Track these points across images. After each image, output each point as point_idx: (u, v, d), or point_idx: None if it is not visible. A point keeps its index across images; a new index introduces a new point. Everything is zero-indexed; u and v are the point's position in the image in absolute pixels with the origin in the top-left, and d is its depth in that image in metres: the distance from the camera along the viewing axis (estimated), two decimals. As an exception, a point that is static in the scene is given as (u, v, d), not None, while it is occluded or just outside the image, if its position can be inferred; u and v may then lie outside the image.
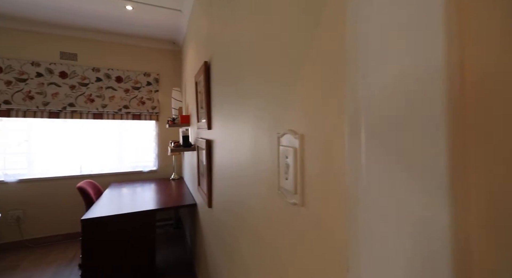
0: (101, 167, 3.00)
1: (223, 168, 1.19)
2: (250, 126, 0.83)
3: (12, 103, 2.55)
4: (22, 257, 2.39)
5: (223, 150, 1.18)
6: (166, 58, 3.33)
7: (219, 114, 1.27)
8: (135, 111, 3.11)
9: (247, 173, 0.87)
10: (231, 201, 1.06)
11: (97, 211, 1.86)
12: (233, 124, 1.02)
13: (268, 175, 0.70)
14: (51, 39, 2.73)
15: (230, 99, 1.06)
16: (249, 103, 0.83)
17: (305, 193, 0.52)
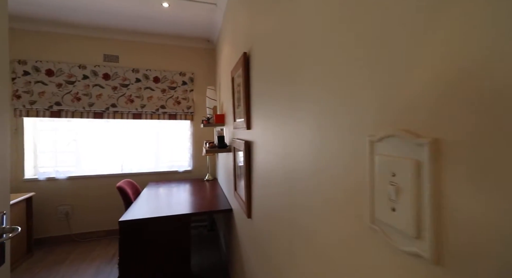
0: (139, 166, 3.07)
1: (266, 175, 1.00)
2: (310, 126, 0.62)
3: (62, 104, 2.72)
4: (69, 251, 2.53)
5: (267, 153, 0.99)
6: (201, 57, 3.28)
7: (260, 112, 1.08)
8: (171, 111, 3.11)
9: (303, 187, 0.66)
10: (278, 216, 0.87)
11: (134, 212, 1.83)
12: (281, 124, 0.82)
13: (345, 195, 0.48)
14: (95, 43, 2.86)
15: (277, 94, 0.86)
16: (310, 96, 0.62)
17: (443, 240, 0.29)
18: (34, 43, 2.66)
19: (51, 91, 2.69)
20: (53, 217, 2.70)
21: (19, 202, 2.32)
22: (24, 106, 2.61)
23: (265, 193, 1.03)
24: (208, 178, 2.99)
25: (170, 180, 3.07)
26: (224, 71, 2.28)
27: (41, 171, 2.75)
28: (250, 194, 1.28)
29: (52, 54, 2.71)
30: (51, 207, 2.70)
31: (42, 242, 2.66)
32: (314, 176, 0.61)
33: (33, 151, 2.74)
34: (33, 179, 2.67)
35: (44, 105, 2.66)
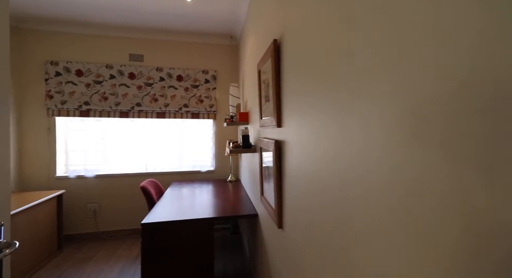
0: (163, 166, 3.05)
1: (304, 181, 0.84)
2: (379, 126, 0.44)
3: (91, 104, 2.77)
4: (96, 249, 2.56)
5: (305, 155, 0.83)
6: (224, 54, 3.19)
7: (295, 107, 0.92)
8: (194, 110, 3.06)
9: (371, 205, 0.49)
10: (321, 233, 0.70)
11: (157, 214, 1.76)
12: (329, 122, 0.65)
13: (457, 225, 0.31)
14: (121, 42, 2.88)
15: (321, 86, 0.69)
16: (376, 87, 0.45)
17: None
18: (65, 45, 2.75)
19: (81, 91, 2.75)
20: (82, 214, 2.77)
21: (50, 200, 2.39)
22: (56, 105, 2.70)
23: (302, 203, 0.87)
24: (231, 179, 2.88)
25: (193, 180, 3.02)
26: (249, 65, 2.14)
27: (72, 169, 2.84)
28: (281, 201, 1.12)
29: (82, 55, 2.78)
30: (80, 204, 2.77)
31: (71, 239, 2.73)
32: (394, 189, 0.43)
33: (65, 149, 2.83)
34: (64, 177, 2.75)
35: (74, 105, 2.73)
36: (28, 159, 2.67)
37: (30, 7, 2.39)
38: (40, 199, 2.21)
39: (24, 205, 2.05)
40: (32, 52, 2.67)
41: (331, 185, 0.65)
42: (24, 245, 2.02)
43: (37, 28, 2.67)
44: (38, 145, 2.69)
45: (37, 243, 2.17)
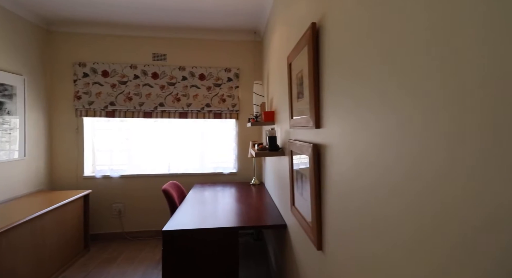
0: (185, 167, 2.99)
1: (357, 196, 0.64)
2: None
3: (116, 104, 2.79)
4: (120, 249, 2.56)
5: (360, 165, 0.63)
6: (247, 51, 3.04)
7: (342, 103, 0.73)
8: (216, 109, 2.95)
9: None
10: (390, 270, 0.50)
11: (178, 219, 1.66)
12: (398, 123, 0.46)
13: None
14: (145, 42, 2.87)
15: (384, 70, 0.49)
16: None
17: None
18: (92, 46, 2.78)
19: (106, 92, 2.77)
20: (107, 214, 2.80)
21: (78, 199, 2.42)
22: (83, 106, 2.75)
23: (354, 222, 0.68)
24: (254, 182, 2.73)
25: (215, 182, 2.91)
26: (276, 60, 1.96)
27: (98, 169, 2.88)
28: (321, 217, 0.93)
29: (108, 56, 2.80)
30: (106, 204, 2.80)
31: (97, 238, 2.77)
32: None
33: (92, 149, 2.88)
34: (91, 176, 2.79)
35: (100, 105, 2.76)
36: (59, 159, 2.75)
37: (60, 9, 2.43)
38: (68, 199, 2.24)
39: (53, 204, 2.07)
40: (61, 54, 2.74)
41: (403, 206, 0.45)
42: (52, 244, 2.05)
43: (66, 30, 2.73)
44: (67, 145, 2.76)
45: (65, 242, 2.20)
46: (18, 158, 2.32)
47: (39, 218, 1.92)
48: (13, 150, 2.28)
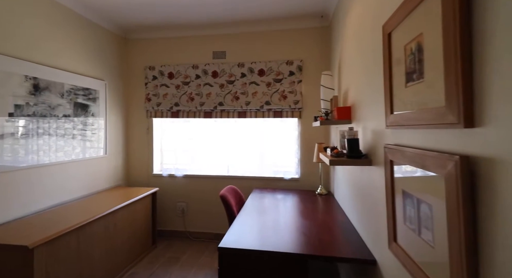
0: (244, 170, 2.82)
1: None
2: None
3: (180, 105, 2.84)
4: (183, 249, 2.58)
5: None
6: (311, 39, 2.65)
7: None
8: (276, 107, 2.68)
9: None
10: None
11: (235, 233, 1.45)
12: None
13: None
14: (205, 41, 2.82)
15: None
16: None
17: None
18: (159, 50, 2.91)
19: (172, 93, 2.86)
20: (172, 212, 2.89)
21: (147, 196, 2.54)
22: (152, 108, 2.90)
23: None
24: (320, 192, 2.33)
25: (275, 188, 2.65)
26: (356, 39, 1.53)
27: (165, 167, 3.01)
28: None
29: (173, 58, 2.88)
30: (171, 202, 2.89)
31: (164, 234, 2.89)
32: None
33: (160, 149, 3.03)
34: (159, 175, 2.94)
35: (166, 106, 2.86)
36: (133, 157, 2.99)
37: (134, 17, 2.59)
38: (139, 196, 2.36)
39: (127, 200, 2.20)
40: (136, 59, 2.96)
41: None
42: (124, 238, 2.16)
43: (139, 36, 2.93)
44: (140, 144, 2.97)
45: (135, 238, 2.32)
46: (102, 156, 2.59)
47: (113, 213, 2.04)
48: (99, 148, 2.55)
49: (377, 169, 1.14)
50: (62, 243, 1.57)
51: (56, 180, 2.07)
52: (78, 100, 2.29)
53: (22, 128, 1.79)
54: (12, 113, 1.72)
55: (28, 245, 1.34)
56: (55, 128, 2.07)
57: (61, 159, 2.12)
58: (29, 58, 1.84)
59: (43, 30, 1.95)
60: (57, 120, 2.08)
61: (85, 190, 2.36)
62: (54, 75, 2.04)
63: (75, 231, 1.67)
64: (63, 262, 1.58)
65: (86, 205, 2.07)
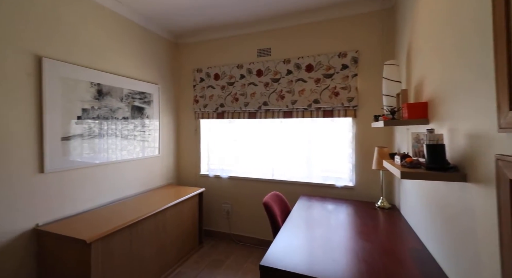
0: (290, 174, 2.63)
1: None
2: None
3: (225, 106, 2.82)
4: (228, 252, 2.56)
5: None
6: (369, 26, 2.28)
7: None
8: (326, 106, 2.40)
9: None
10: None
11: (280, 250, 1.29)
12: None
13: None
14: (250, 38, 2.73)
15: None
16: None
17: None
18: (206, 52, 2.95)
19: (217, 94, 2.86)
20: (217, 213, 2.90)
21: (194, 196, 2.59)
22: (200, 109, 2.96)
23: None
24: (382, 205, 1.97)
25: (325, 196, 2.38)
26: (435, 14, 1.18)
27: (211, 168, 3.04)
28: None
29: (218, 59, 2.88)
30: (217, 203, 2.91)
31: (209, 234, 2.93)
32: None
33: (207, 149, 3.08)
34: (205, 175, 2.98)
35: (212, 108, 2.88)
36: (183, 157, 3.11)
37: (183, 21, 2.67)
38: (187, 195, 2.43)
39: (177, 198, 2.29)
40: (185, 62, 3.07)
41: None
42: (173, 237, 2.23)
43: (188, 41, 3.02)
44: (189, 145, 3.07)
45: (182, 236, 2.38)
46: (157, 155, 2.75)
47: (163, 211, 2.12)
48: (154, 147, 2.72)
49: (478, 188, 0.81)
50: (116, 239, 1.67)
51: (119, 177, 2.27)
52: (135, 103, 2.47)
53: (88, 129, 1.99)
54: (80, 116, 1.93)
55: (86, 240, 1.45)
56: (120, 129, 2.28)
57: (125, 158, 2.33)
58: (94, 66, 2.04)
59: (105, 40, 2.15)
60: (117, 122, 2.27)
61: (142, 187, 2.54)
62: (115, 81, 2.23)
63: (128, 228, 1.76)
64: (117, 257, 1.67)
65: (141, 201, 2.21)
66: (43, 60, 1.67)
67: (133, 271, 1.80)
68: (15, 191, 1.53)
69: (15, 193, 1.53)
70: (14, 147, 1.53)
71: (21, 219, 1.57)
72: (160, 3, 2.25)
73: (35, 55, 1.63)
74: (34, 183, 1.64)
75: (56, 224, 1.68)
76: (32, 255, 1.62)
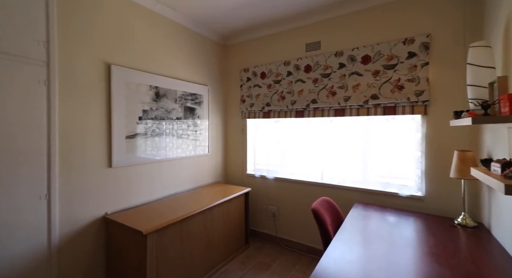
0: (342, 178, 2.39)
1: None
2: None
3: (271, 105, 2.74)
4: (274, 256, 2.48)
5: None
6: (445, 3, 1.88)
7: None
8: (387, 102, 2.09)
9: None
10: None
11: (331, 268, 1.14)
12: None
13: None
14: (298, 33, 2.58)
15: None
16: None
17: None
18: (253, 51, 2.93)
19: (264, 93, 2.81)
20: (263, 214, 2.86)
21: (240, 195, 2.60)
22: (246, 108, 2.96)
23: None
24: (464, 222, 1.59)
25: (385, 205, 2.07)
26: None
27: (257, 168, 3.01)
28: None
29: (265, 57, 2.82)
30: (262, 204, 2.86)
31: (255, 234, 2.90)
32: None
33: (253, 149, 3.06)
34: (252, 175, 2.97)
35: (258, 107, 2.84)
36: (230, 157, 3.17)
37: (230, 22, 2.71)
38: (234, 194, 2.45)
39: (224, 197, 2.32)
40: (233, 63, 3.12)
41: None
42: (220, 235, 2.27)
43: (236, 41, 3.05)
44: (236, 144, 3.11)
45: (228, 234, 2.40)
46: (206, 154, 2.87)
47: (212, 208, 2.17)
48: (204, 146, 2.85)
49: None
50: (169, 233, 1.76)
51: (173, 173, 2.43)
52: (187, 104, 2.61)
53: (148, 129, 2.18)
54: (141, 117, 2.12)
55: (143, 231, 1.56)
56: (176, 129, 2.45)
57: (179, 155, 2.49)
58: (152, 70, 2.22)
59: (161, 45, 2.31)
60: (172, 122, 2.42)
61: (192, 184, 2.67)
62: (170, 84, 2.39)
63: (180, 223, 1.85)
64: (170, 250, 1.77)
65: (191, 198, 2.32)
66: (112, 67, 1.88)
67: (184, 265, 1.88)
68: (89, 182, 1.77)
69: (89, 184, 1.77)
70: (90, 144, 1.77)
71: (93, 207, 1.80)
72: (209, 6, 2.30)
73: (105, 63, 1.86)
74: (104, 176, 1.86)
75: (120, 214, 1.88)
76: (102, 240, 1.85)
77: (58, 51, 1.58)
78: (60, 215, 1.61)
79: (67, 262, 1.65)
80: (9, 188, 1.38)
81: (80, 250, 1.72)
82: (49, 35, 1.52)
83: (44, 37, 1.50)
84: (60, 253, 1.61)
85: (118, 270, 1.77)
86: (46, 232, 1.54)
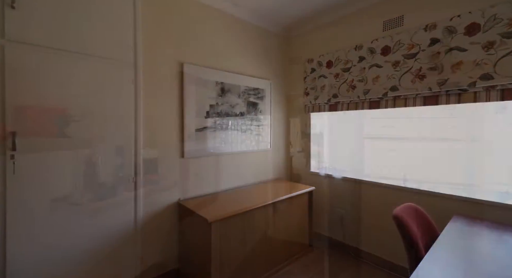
0: (432, 183, 1.93)
1: None
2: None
3: (339, 96, 2.47)
4: (343, 266, 2.20)
5: None
6: None
7: None
8: (508, 82, 1.54)
9: None
10: None
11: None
12: None
13: None
14: (373, 10, 2.22)
15: None
16: None
17: None
18: (318, 39, 2.70)
19: (330, 83, 2.56)
20: (329, 216, 2.61)
21: (304, 194, 2.44)
22: (310, 102, 2.76)
23: None
24: None
25: (502, 222, 1.53)
26: None
27: (322, 166, 2.78)
28: None
29: (331, 44, 2.56)
30: (327, 206, 2.62)
31: (319, 237, 2.68)
32: None
33: (317, 145, 2.84)
34: (316, 173, 2.76)
35: (324, 99, 2.61)
36: (293, 152, 3.04)
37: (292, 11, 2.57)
38: (297, 192, 2.33)
39: (286, 194, 2.23)
40: (296, 55, 2.97)
41: None
42: (280, 233, 2.18)
43: (299, 32, 2.89)
44: (298, 140, 2.96)
45: (291, 234, 2.29)
46: (268, 149, 2.84)
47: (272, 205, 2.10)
48: (266, 142, 2.82)
49: None
50: (231, 223, 1.79)
51: (237, 167, 2.50)
52: (250, 99, 2.63)
53: (214, 123, 2.29)
54: (208, 111, 2.24)
55: (208, 219, 1.62)
56: (240, 124, 2.51)
57: (243, 149, 2.55)
58: (217, 66, 2.31)
59: (226, 41, 2.39)
60: (236, 117, 2.48)
61: (253, 178, 2.68)
62: (234, 79, 2.45)
63: (241, 215, 1.85)
64: (232, 240, 1.80)
65: (252, 192, 2.32)
66: (184, 65, 2.05)
67: (245, 258, 1.88)
68: (166, 170, 1.98)
69: (166, 172, 1.98)
70: (166, 136, 1.98)
71: (169, 193, 2.00)
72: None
73: (178, 62, 2.04)
74: (178, 165, 2.05)
75: (190, 201, 2.03)
76: (175, 222, 2.04)
77: (142, 54, 1.82)
78: (144, 198, 1.85)
79: (149, 239, 1.88)
80: (108, 168, 1.66)
81: (158, 229, 1.94)
82: (136, 40, 1.76)
83: (132, 42, 1.75)
84: (143, 230, 1.85)
85: (188, 250, 1.92)
86: (133, 211, 1.79)
